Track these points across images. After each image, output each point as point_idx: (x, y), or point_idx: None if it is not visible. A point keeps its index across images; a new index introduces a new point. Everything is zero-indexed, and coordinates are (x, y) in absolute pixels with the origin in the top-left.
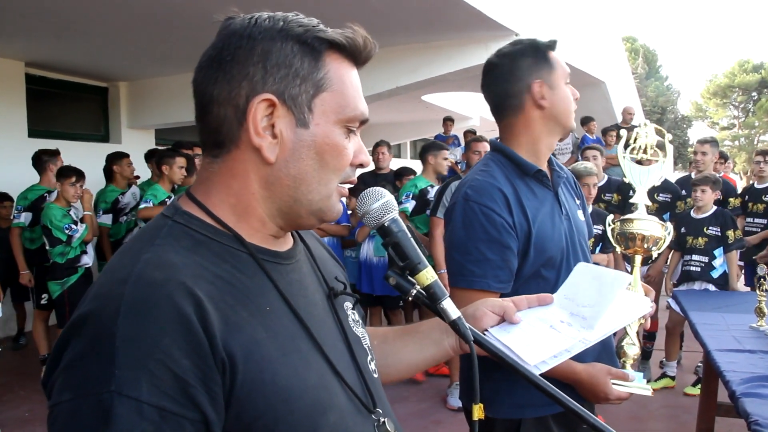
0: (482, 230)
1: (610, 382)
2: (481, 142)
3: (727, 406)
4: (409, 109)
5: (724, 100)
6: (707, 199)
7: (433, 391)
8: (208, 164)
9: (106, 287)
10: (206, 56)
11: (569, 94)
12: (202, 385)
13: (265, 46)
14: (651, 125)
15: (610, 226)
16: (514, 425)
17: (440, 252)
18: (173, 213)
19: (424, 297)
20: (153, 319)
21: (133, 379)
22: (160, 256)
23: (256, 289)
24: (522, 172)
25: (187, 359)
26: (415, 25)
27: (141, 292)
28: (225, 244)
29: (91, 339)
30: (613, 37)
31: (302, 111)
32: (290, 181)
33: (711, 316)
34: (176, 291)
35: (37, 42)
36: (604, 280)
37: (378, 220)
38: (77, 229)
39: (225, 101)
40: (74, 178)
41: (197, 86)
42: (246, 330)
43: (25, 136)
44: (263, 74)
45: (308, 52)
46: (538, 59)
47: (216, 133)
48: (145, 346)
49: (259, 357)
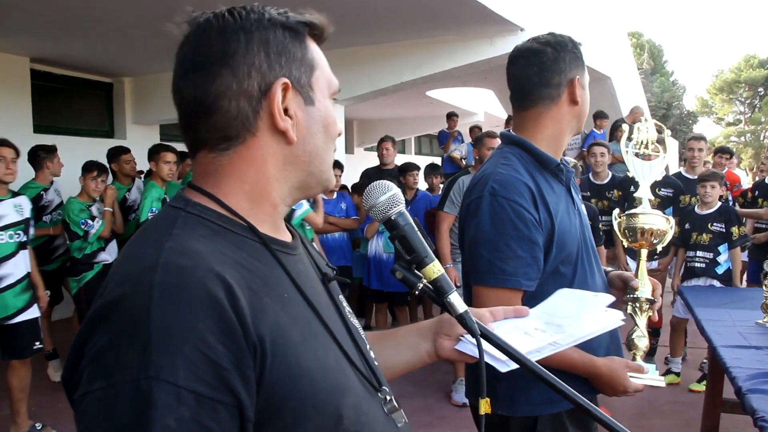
0: (512, 227)
1: (628, 374)
2: (494, 138)
3: (733, 403)
4: (413, 104)
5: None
6: (715, 195)
7: (438, 386)
8: (212, 158)
9: (133, 275)
10: (195, 57)
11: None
12: (236, 369)
13: (262, 36)
14: (651, 121)
15: (616, 221)
16: (531, 422)
17: (446, 246)
18: (184, 204)
19: (430, 291)
20: (186, 304)
21: (170, 365)
22: (182, 244)
23: (273, 276)
24: (541, 165)
25: (220, 344)
26: (420, 21)
27: (172, 279)
28: (239, 234)
29: (123, 325)
30: (619, 33)
31: (307, 91)
32: (306, 157)
33: (717, 312)
34: (206, 276)
35: (42, 38)
36: (586, 299)
37: (384, 213)
38: (93, 224)
39: (236, 94)
40: (95, 172)
41: (190, 89)
42: (270, 315)
43: (31, 132)
44: (269, 62)
45: (295, 36)
46: (578, 56)
47: (227, 128)
48: (180, 332)
49: (283, 341)
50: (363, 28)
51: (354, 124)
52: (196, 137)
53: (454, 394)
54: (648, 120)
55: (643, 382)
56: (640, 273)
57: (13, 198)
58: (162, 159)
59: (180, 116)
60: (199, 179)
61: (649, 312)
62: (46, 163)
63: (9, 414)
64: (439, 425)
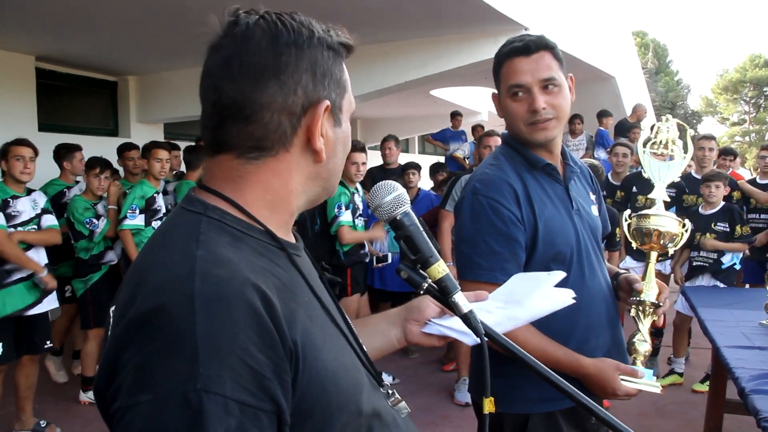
0: (490, 223)
1: (619, 377)
2: (492, 136)
3: (736, 403)
4: (417, 103)
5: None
6: (720, 195)
7: (441, 386)
8: (238, 164)
9: (169, 284)
10: (241, 62)
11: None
12: (276, 377)
13: (313, 55)
14: (673, 120)
15: (626, 222)
16: (523, 420)
17: (447, 244)
18: (203, 209)
19: (435, 290)
20: (228, 315)
21: (218, 376)
22: (214, 253)
23: (294, 281)
24: (531, 165)
25: (261, 353)
26: (424, 20)
27: (212, 290)
28: (259, 239)
29: (166, 336)
30: (623, 32)
31: (338, 113)
32: (327, 174)
33: (720, 312)
34: (244, 286)
35: (47, 36)
36: (540, 277)
37: (390, 213)
38: (98, 224)
39: (279, 109)
40: (98, 169)
41: (235, 94)
42: (299, 319)
43: (36, 130)
44: (314, 82)
45: (336, 57)
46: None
47: (263, 139)
48: (224, 343)
49: (311, 344)
50: (367, 27)
51: (358, 123)
52: (225, 140)
53: (457, 393)
54: (670, 119)
55: (636, 387)
56: (648, 276)
57: (29, 195)
58: (153, 156)
59: (209, 114)
60: (216, 182)
61: (653, 316)
62: (64, 163)
63: (14, 411)
64: (442, 424)
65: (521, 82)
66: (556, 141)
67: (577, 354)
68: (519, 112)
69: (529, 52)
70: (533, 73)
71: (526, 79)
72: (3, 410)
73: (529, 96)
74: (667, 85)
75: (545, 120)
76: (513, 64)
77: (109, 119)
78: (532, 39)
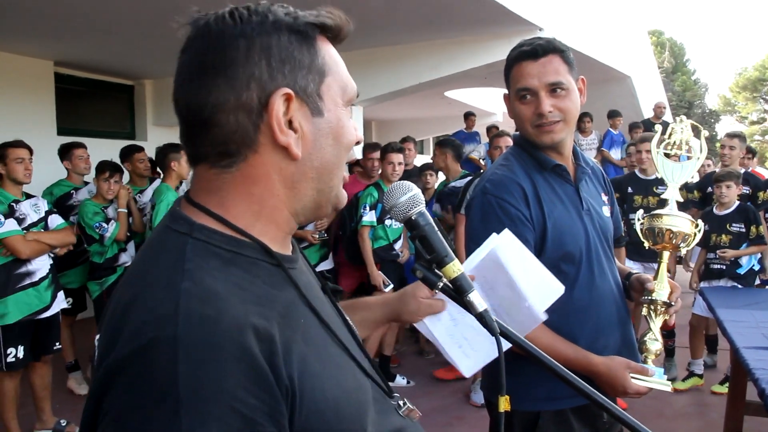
0: (498, 222)
1: (629, 375)
2: (502, 137)
3: (756, 405)
4: (432, 105)
5: (754, 94)
6: (732, 195)
7: (456, 387)
8: (215, 175)
9: (150, 326)
10: (192, 66)
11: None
12: (270, 420)
13: (264, 42)
14: (687, 121)
15: (639, 221)
16: (533, 418)
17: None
18: (189, 229)
19: (450, 290)
20: (214, 362)
21: (202, 427)
22: (200, 286)
23: (289, 302)
24: (541, 166)
25: (253, 397)
26: (438, 21)
27: (197, 333)
28: (250, 257)
29: (148, 385)
30: (639, 31)
31: (315, 100)
32: (314, 173)
33: (739, 313)
34: (233, 326)
35: (65, 42)
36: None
37: (405, 213)
38: (107, 228)
39: (234, 108)
40: (107, 173)
41: (189, 100)
42: (295, 349)
43: (54, 134)
44: (270, 71)
45: (303, 41)
46: None
47: (226, 144)
48: (210, 393)
49: (308, 374)
50: (381, 29)
51: (372, 124)
52: (195, 150)
53: (472, 394)
54: (684, 120)
55: (647, 385)
56: (659, 275)
57: (29, 199)
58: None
59: (180, 126)
60: (199, 194)
61: (665, 316)
62: (65, 162)
63: (33, 412)
64: (457, 425)
65: (528, 85)
66: (565, 142)
67: (587, 352)
68: (526, 115)
69: (536, 56)
70: (540, 77)
71: (533, 82)
72: (23, 410)
73: (536, 99)
74: (684, 85)
75: (551, 123)
76: (521, 67)
77: (126, 123)
78: (540, 43)
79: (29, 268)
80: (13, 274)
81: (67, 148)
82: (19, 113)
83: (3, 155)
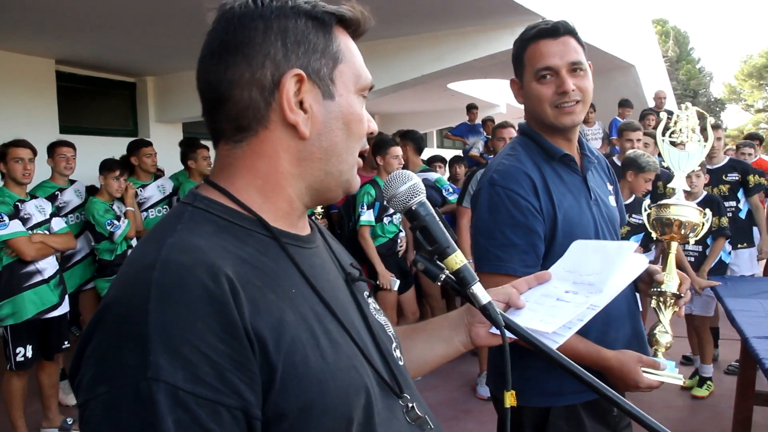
0: (508, 214)
1: (641, 369)
2: (506, 128)
3: (766, 395)
4: (434, 97)
5: (760, 82)
6: (701, 185)
7: (463, 380)
8: (228, 150)
9: (132, 274)
10: (213, 44)
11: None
12: (239, 368)
13: (281, 24)
14: (692, 108)
15: (646, 212)
16: (543, 413)
17: (467, 242)
18: (192, 199)
19: (453, 282)
20: (185, 303)
21: (169, 365)
22: (184, 240)
23: (281, 272)
24: (548, 156)
25: (222, 343)
26: (440, 13)
27: (170, 277)
28: (247, 228)
29: (120, 327)
30: (643, 20)
31: (327, 84)
32: (322, 154)
33: (748, 302)
34: (206, 273)
35: (66, 40)
36: (607, 250)
37: (405, 203)
38: (119, 225)
39: (248, 83)
40: (118, 171)
41: (208, 76)
42: (274, 312)
43: (57, 132)
44: (285, 52)
45: (320, 27)
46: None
47: (239, 119)
48: (179, 332)
49: (289, 339)
50: (382, 22)
51: (376, 118)
52: (215, 127)
53: (479, 387)
54: (690, 107)
55: (659, 379)
56: (668, 266)
57: (32, 200)
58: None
59: (203, 107)
60: (215, 173)
61: (674, 308)
62: (48, 161)
63: (40, 410)
64: (464, 419)
65: (550, 64)
66: (576, 129)
67: (599, 346)
68: (546, 95)
69: (557, 35)
70: (562, 56)
71: (555, 61)
72: (29, 408)
73: (558, 78)
74: (689, 73)
75: (573, 102)
76: (540, 46)
77: (128, 120)
78: (559, 22)
79: (38, 267)
80: (19, 273)
81: (52, 146)
82: (21, 112)
83: (3, 154)
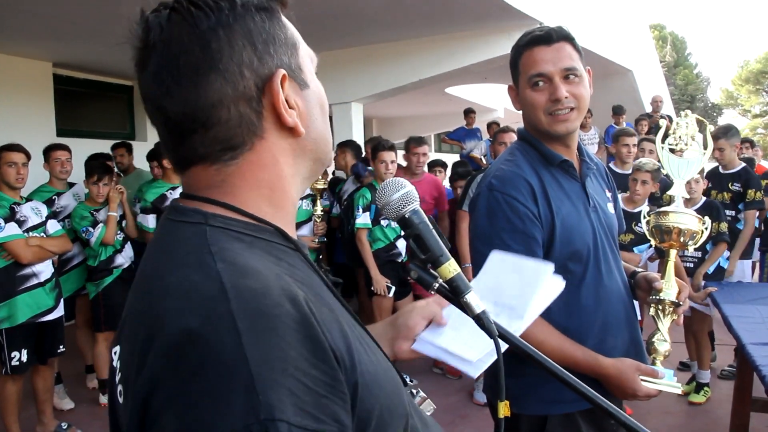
0: (506, 220)
1: (639, 378)
2: (506, 133)
3: (763, 402)
4: (432, 101)
5: (756, 87)
6: (699, 191)
7: (460, 385)
8: (216, 171)
9: (197, 308)
10: (172, 68)
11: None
12: (334, 392)
13: (243, 27)
14: (692, 115)
15: (644, 219)
16: (541, 421)
17: (466, 245)
18: (203, 218)
19: (446, 290)
20: (275, 332)
21: (278, 402)
22: (235, 263)
23: (314, 283)
24: (547, 162)
25: (314, 368)
26: (437, 17)
27: (250, 306)
28: (270, 241)
29: (213, 369)
30: (640, 25)
31: (299, 74)
32: (313, 145)
33: (745, 308)
34: (283, 297)
35: (63, 43)
36: (524, 270)
37: (398, 211)
38: (93, 232)
39: (233, 100)
40: (96, 176)
41: (180, 106)
42: (335, 327)
43: (54, 135)
44: (258, 55)
45: (272, 16)
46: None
47: (231, 138)
48: (278, 364)
49: (351, 350)
50: (381, 26)
51: (373, 122)
52: (191, 154)
53: (476, 393)
54: (689, 114)
55: (657, 387)
56: (667, 274)
57: (28, 202)
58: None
59: (165, 136)
60: (201, 191)
61: (673, 316)
62: (44, 165)
63: (35, 414)
64: (461, 424)
65: (543, 71)
66: (574, 135)
67: (597, 354)
68: (539, 102)
69: (550, 41)
70: (555, 62)
71: (548, 68)
72: (24, 413)
73: (551, 85)
74: (686, 79)
75: (567, 110)
76: (534, 53)
77: (125, 123)
78: (553, 28)
79: (34, 270)
80: (16, 276)
81: (47, 150)
82: (18, 115)
83: None
